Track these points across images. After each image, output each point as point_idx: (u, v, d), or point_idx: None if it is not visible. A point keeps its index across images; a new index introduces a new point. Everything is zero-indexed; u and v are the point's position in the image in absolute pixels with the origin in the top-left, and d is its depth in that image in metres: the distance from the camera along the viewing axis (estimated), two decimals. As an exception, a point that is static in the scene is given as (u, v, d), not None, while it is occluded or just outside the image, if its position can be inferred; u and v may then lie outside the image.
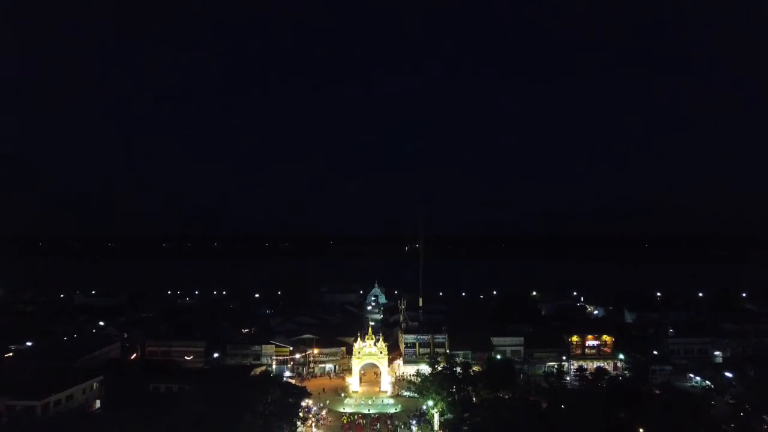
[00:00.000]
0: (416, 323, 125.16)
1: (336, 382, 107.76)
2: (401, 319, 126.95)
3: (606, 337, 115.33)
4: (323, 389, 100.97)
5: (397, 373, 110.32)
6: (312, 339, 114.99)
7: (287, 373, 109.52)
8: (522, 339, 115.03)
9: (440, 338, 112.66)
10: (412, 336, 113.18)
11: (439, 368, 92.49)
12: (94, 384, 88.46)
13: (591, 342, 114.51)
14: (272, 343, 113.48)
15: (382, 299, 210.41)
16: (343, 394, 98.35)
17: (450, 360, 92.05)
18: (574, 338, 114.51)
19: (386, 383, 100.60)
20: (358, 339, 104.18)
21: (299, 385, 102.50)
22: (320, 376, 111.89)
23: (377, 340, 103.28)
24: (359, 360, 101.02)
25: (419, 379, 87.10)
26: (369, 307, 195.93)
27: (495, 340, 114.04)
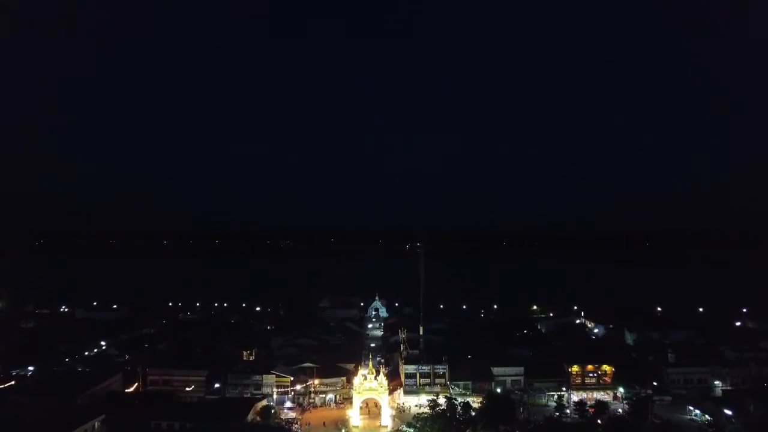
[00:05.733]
0: (416, 351, 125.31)
1: (337, 413, 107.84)
2: (402, 348, 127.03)
3: (606, 367, 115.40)
4: (324, 423, 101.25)
5: (398, 403, 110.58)
6: (313, 368, 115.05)
7: (288, 404, 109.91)
8: (522, 369, 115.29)
9: (441, 369, 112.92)
10: (413, 366, 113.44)
11: (440, 402, 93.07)
12: (96, 423, 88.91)
13: (591, 372, 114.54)
14: (273, 373, 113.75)
15: (383, 312, 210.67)
16: (343, 430, 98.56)
17: (450, 400, 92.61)
18: (574, 368, 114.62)
19: (386, 417, 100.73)
20: (359, 373, 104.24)
21: (299, 417, 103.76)
22: (321, 406, 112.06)
23: (377, 374, 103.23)
24: (360, 395, 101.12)
25: (419, 423, 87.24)
26: (370, 325, 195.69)
27: (495, 370, 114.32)
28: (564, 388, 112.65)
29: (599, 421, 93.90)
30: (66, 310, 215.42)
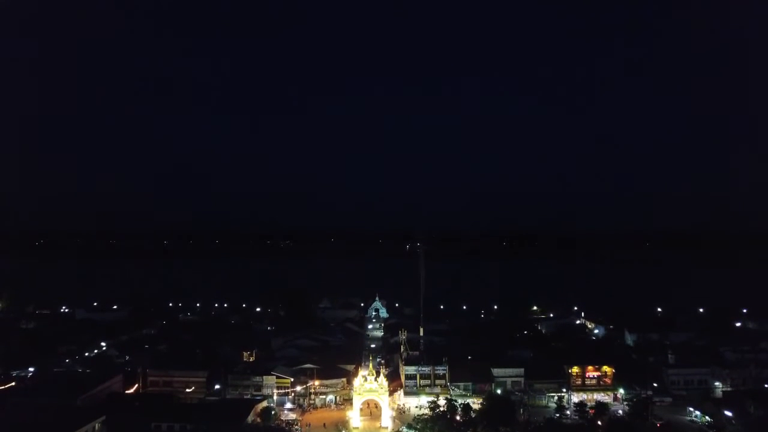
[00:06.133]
0: (417, 352, 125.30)
1: (337, 414, 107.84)
2: (402, 349, 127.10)
3: (606, 368, 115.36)
4: (324, 424, 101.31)
5: (398, 404, 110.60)
6: (313, 369, 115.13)
7: (288, 405, 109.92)
8: (522, 370, 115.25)
9: (441, 370, 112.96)
10: (413, 368, 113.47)
11: (440, 403, 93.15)
12: (96, 425, 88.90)
13: (591, 374, 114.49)
14: (273, 375, 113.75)
15: (383, 312, 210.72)
16: (343, 431, 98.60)
17: (450, 402, 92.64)
18: (575, 369, 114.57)
19: (387, 418, 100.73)
20: (359, 374, 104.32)
21: (300, 418, 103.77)
22: (321, 407, 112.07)
23: (378, 375, 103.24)
24: (360, 396, 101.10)
25: (419, 424, 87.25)
26: (370, 326, 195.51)
27: (495, 371, 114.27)
28: (564, 389, 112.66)
29: (599, 423, 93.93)
30: (66, 310, 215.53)
